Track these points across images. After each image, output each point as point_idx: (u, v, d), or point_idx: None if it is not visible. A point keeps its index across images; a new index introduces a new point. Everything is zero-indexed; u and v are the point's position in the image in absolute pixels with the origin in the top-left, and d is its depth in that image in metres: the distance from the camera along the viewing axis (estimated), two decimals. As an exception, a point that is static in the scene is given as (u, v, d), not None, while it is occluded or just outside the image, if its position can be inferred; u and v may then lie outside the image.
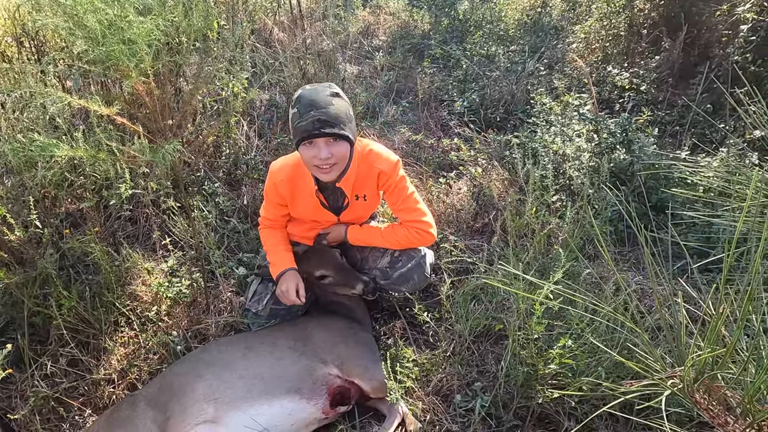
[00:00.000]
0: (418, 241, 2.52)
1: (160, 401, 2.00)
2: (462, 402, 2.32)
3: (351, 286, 2.49)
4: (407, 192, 2.42)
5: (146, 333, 2.41)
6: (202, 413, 1.96)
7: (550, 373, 1.98)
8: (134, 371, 2.31)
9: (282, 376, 2.13)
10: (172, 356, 2.36)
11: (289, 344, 2.26)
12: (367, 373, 2.25)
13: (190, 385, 2.03)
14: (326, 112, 2.06)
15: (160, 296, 2.48)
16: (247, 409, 2.00)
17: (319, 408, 2.15)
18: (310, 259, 2.53)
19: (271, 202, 2.43)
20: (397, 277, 2.59)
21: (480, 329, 2.51)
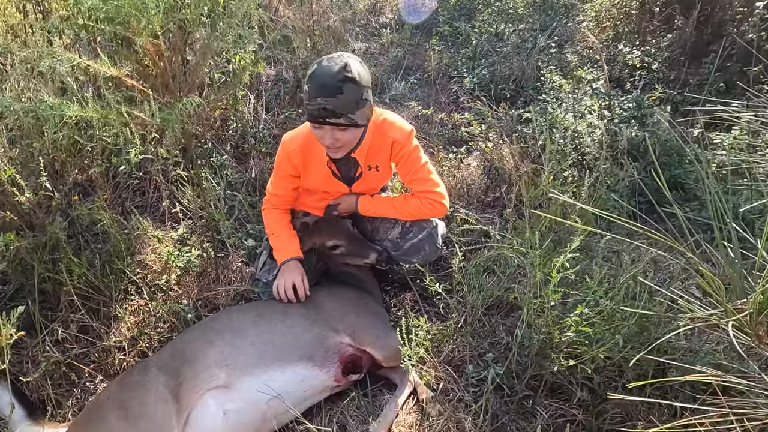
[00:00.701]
0: (430, 212, 2.47)
1: (171, 367, 1.97)
2: (474, 372, 2.29)
3: (364, 255, 2.46)
4: (420, 162, 2.37)
5: (156, 301, 2.38)
6: (214, 378, 1.94)
7: (566, 342, 1.95)
8: (144, 339, 2.29)
9: (294, 343, 2.10)
10: (182, 325, 2.33)
11: (300, 312, 2.24)
12: (378, 341, 2.23)
13: (201, 351, 2.00)
14: (334, 102, 1.99)
15: (170, 265, 2.45)
16: (259, 374, 1.98)
17: (331, 375, 2.13)
18: (322, 230, 2.50)
19: (282, 174, 2.36)
20: (408, 248, 2.55)
21: (492, 301, 2.48)
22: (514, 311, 2.64)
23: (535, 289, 2.01)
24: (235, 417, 1.92)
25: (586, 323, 1.85)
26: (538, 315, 2.00)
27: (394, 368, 2.30)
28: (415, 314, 2.59)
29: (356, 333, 2.22)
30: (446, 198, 2.44)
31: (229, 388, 1.94)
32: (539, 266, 1.95)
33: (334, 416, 2.10)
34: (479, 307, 2.34)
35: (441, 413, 2.11)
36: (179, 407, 1.88)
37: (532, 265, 1.98)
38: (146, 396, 1.89)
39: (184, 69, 2.76)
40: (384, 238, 2.58)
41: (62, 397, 2.10)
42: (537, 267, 1.94)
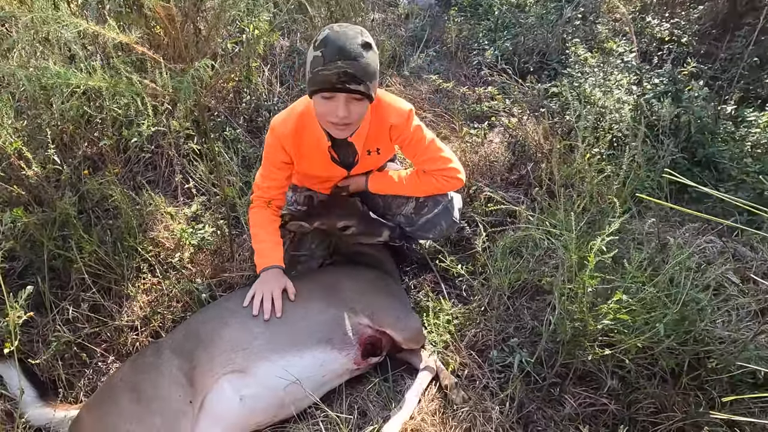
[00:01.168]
0: (446, 186, 2.31)
1: (185, 349, 1.88)
2: (498, 357, 2.19)
3: (377, 234, 2.34)
4: (425, 142, 2.18)
5: (169, 280, 2.29)
6: (230, 363, 1.85)
7: (602, 330, 1.83)
8: (158, 318, 2.20)
9: (312, 326, 2.00)
10: (196, 304, 2.25)
11: (318, 294, 2.13)
12: (399, 323, 2.13)
13: (216, 333, 1.91)
14: (356, 66, 1.77)
15: (183, 243, 2.35)
16: (277, 359, 1.88)
17: (350, 358, 2.03)
18: (331, 210, 2.36)
19: (273, 163, 2.15)
20: (423, 223, 2.41)
21: (518, 284, 2.36)
22: (540, 295, 2.52)
23: (569, 273, 1.89)
24: (252, 403, 1.83)
25: (624, 311, 1.73)
26: (571, 301, 1.88)
27: (414, 351, 2.20)
28: (436, 296, 2.49)
29: (375, 314, 2.12)
30: (462, 171, 2.28)
31: (245, 373, 1.85)
32: (574, 249, 1.82)
33: (354, 402, 2.01)
34: (505, 291, 2.22)
35: (465, 401, 2.01)
36: (194, 391, 1.80)
37: (566, 248, 1.85)
38: (159, 379, 1.81)
39: (197, 38, 2.62)
40: (397, 213, 2.45)
41: (74, 377, 2.03)
42: (572, 250, 1.81)
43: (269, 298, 2.00)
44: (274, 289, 2.02)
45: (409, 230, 2.45)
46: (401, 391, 2.10)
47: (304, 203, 2.38)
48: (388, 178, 2.35)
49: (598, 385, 2.08)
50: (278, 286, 2.04)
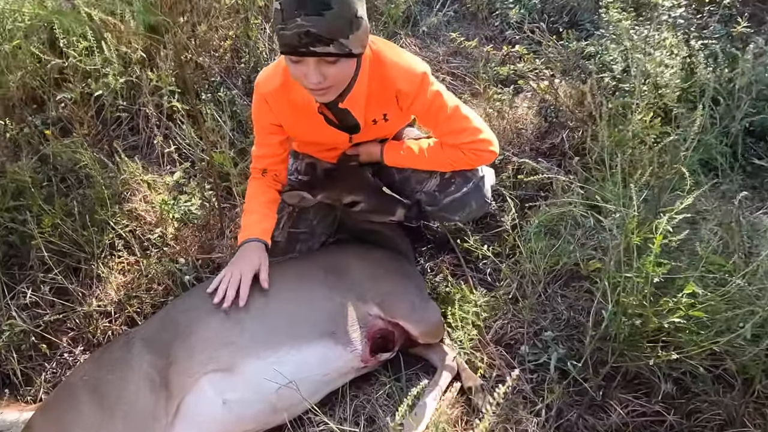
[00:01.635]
0: (476, 161, 1.94)
1: (161, 342, 1.57)
2: (531, 355, 1.85)
3: (389, 212, 1.98)
4: (447, 111, 1.78)
5: (149, 259, 1.96)
6: (213, 359, 1.53)
7: (666, 328, 1.47)
8: (134, 303, 1.89)
9: (312, 316, 1.68)
10: (179, 288, 1.93)
11: (319, 277, 1.80)
12: (414, 313, 1.80)
13: (198, 323, 1.60)
14: (320, 23, 1.40)
15: (165, 217, 2.01)
16: (268, 356, 1.57)
17: (357, 355, 1.71)
18: (337, 182, 2.00)
19: (262, 127, 1.84)
20: (448, 203, 2.05)
21: (552, 269, 2.00)
22: (575, 280, 2.17)
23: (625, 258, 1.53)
24: (237, 408, 1.52)
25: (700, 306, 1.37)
26: (627, 292, 1.52)
27: (432, 346, 1.87)
28: (457, 281, 2.14)
29: (387, 302, 1.80)
30: (495, 143, 1.90)
31: (230, 372, 1.54)
32: (635, 229, 1.46)
33: (360, 406, 1.70)
34: (541, 276, 1.86)
35: (493, 408, 1.68)
36: (168, 394, 1.49)
37: (623, 228, 1.49)
38: (127, 378, 1.50)
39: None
40: (417, 190, 2.09)
41: (34, 372, 1.73)
42: (631, 230, 1.45)
43: (235, 281, 1.66)
44: (244, 271, 1.68)
45: (430, 210, 2.09)
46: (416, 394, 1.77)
47: (305, 172, 2.02)
48: (407, 150, 1.97)
49: (648, 389, 1.75)
50: (250, 268, 1.69)
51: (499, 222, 2.37)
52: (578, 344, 1.97)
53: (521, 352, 1.90)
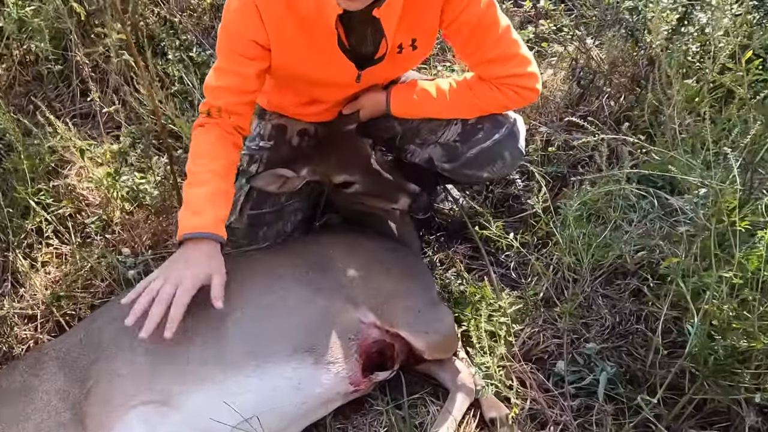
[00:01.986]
0: (517, 101, 1.52)
1: (79, 363, 1.18)
2: (571, 373, 1.43)
3: (390, 199, 1.54)
4: (498, 29, 1.38)
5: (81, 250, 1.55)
6: (145, 388, 1.13)
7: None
8: (68, 305, 1.48)
9: (284, 326, 1.27)
10: (120, 286, 1.51)
11: (297, 274, 1.39)
12: (419, 320, 1.41)
13: (128, 338, 1.18)
14: None
15: (109, 195, 1.60)
16: (221, 381, 1.16)
17: (344, 376, 1.31)
18: (329, 156, 1.57)
19: (237, 48, 1.33)
20: (474, 156, 1.59)
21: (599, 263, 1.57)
22: (618, 277, 1.75)
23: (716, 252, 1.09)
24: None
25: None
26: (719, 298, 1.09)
27: (443, 362, 1.46)
28: (473, 277, 1.72)
29: (384, 306, 1.40)
30: (540, 80, 1.49)
31: (168, 405, 1.14)
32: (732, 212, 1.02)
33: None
34: (584, 273, 1.43)
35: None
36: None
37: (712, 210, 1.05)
38: (29, 412, 1.09)
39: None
40: (430, 142, 1.63)
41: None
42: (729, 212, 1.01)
43: (166, 298, 1.17)
44: (183, 282, 1.19)
45: (447, 167, 1.63)
46: (423, 426, 1.35)
47: (271, 137, 1.58)
48: (422, 94, 1.53)
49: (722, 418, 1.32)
50: (193, 279, 1.20)
51: (523, 205, 1.94)
52: (628, 358, 1.56)
53: (557, 370, 1.49)
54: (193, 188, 1.31)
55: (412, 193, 1.52)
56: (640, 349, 1.57)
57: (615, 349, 1.57)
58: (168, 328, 1.13)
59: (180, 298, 1.16)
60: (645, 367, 1.49)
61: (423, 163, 1.66)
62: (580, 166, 1.95)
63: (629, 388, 1.48)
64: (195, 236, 1.25)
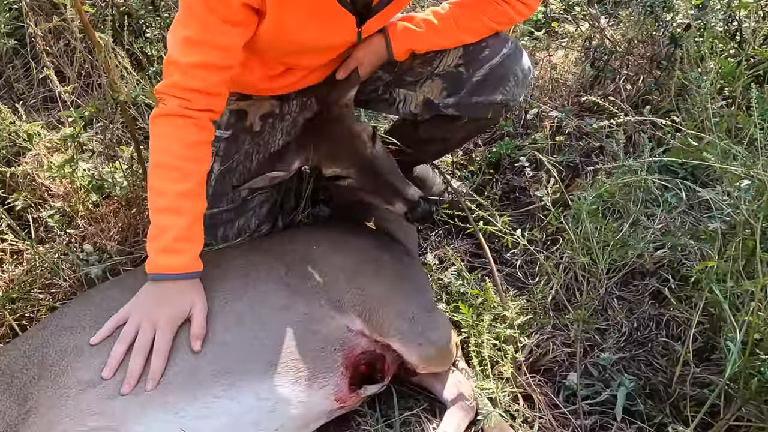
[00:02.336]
0: (521, 13, 1.40)
1: (20, 377, 1.02)
2: (584, 387, 1.27)
3: (385, 200, 1.34)
4: None
5: (47, 246, 1.40)
6: (95, 412, 0.97)
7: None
8: (21, 307, 1.33)
9: (258, 338, 1.11)
10: (85, 286, 1.36)
11: (274, 277, 1.23)
12: (412, 329, 1.24)
13: (78, 355, 1.03)
14: None
15: (66, 185, 1.44)
16: (184, 406, 1.00)
17: (328, 393, 1.15)
18: (319, 144, 1.36)
19: (213, 13, 1.10)
20: (483, 77, 1.40)
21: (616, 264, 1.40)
22: (636, 278, 1.58)
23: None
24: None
25: None
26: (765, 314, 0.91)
27: (439, 375, 1.30)
28: (476, 276, 1.55)
29: (374, 312, 1.24)
30: None
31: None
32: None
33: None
34: (600, 275, 1.25)
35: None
36: (19, 465, 0.93)
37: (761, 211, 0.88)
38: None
39: None
40: (426, 75, 1.43)
41: None
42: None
43: (145, 346, 1.03)
44: (161, 327, 1.05)
45: (451, 102, 1.43)
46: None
47: (228, 125, 1.39)
48: (425, 23, 1.37)
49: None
50: (172, 322, 1.07)
51: (531, 197, 1.77)
52: (647, 369, 1.39)
53: (569, 384, 1.32)
54: (163, 216, 1.12)
55: (410, 200, 1.31)
56: (661, 359, 1.41)
57: (632, 359, 1.41)
58: (150, 380, 1.00)
59: (161, 347, 1.03)
60: (667, 380, 1.33)
61: (419, 110, 1.46)
62: (593, 155, 1.77)
63: (649, 404, 1.33)
64: (172, 277, 1.10)
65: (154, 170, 1.14)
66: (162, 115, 1.15)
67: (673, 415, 1.27)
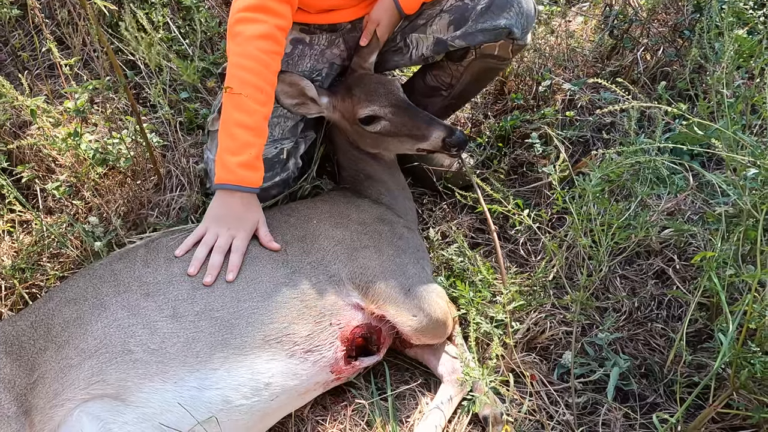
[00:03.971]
0: None
1: (27, 348, 1.08)
2: (578, 366, 1.29)
3: (420, 136, 1.43)
4: None
5: (55, 216, 1.44)
6: (97, 379, 1.03)
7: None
8: (32, 276, 1.38)
9: (257, 311, 1.15)
10: (91, 259, 1.40)
11: (272, 252, 1.24)
12: (407, 302, 1.28)
13: (83, 322, 1.08)
14: None
15: (71, 157, 1.47)
16: (183, 376, 1.06)
17: (324, 366, 1.21)
18: (352, 89, 1.46)
19: None
20: (486, 5, 1.45)
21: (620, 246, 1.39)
22: (641, 256, 1.58)
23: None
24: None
25: None
26: (759, 306, 0.91)
27: (434, 348, 1.35)
28: (479, 253, 1.56)
29: (372, 285, 1.28)
30: None
31: (122, 401, 1.03)
32: None
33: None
34: (602, 257, 1.25)
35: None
36: (28, 429, 1.00)
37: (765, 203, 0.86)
38: (-29, 402, 1.00)
39: None
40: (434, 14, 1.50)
41: None
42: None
43: (224, 247, 1.22)
44: (238, 235, 1.25)
45: (458, 34, 1.49)
46: (410, 419, 1.24)
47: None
48: None
49: (749, 423, 1.17)
50: (246, 231, 1.26)
51: (538, 173, 1.75)
52: (645, 349, 1.41)
53: (563, 362, 1.35)
54: (248, 134, 1.26)
55: (447, 126, 1.43)
56: (660, 339, 1.42)
57: (631, 338, 1.42)
58: (230, 272, 1.19)
59: (239, 247, 1.23)
60: (663, 361, 1.34)
61: (430, 52, 1.55)
62: (604, 131, 1.73)
63: (644, 384, 1.35)
64: (238, 189, 1.26)
65: (244, 88, 1.26)
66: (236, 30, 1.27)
67: (667, 396, 1.29)
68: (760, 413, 0.98)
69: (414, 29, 1.54)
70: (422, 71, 1.68)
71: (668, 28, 1.95)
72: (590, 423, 1.24)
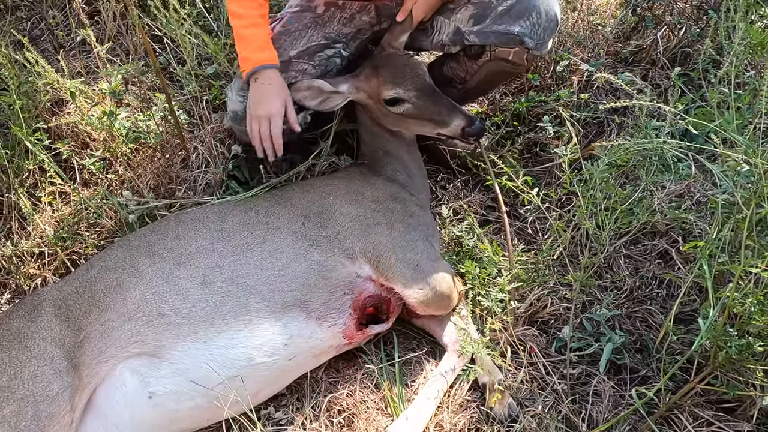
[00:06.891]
0: None
1: (74, 311, 1.26)
2: (576, 340, 1.40)
3: (441, 122, 1.54)
4: None
5: (91, 189, 1.59)
6: (136, 339, 1.20)
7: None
8: (72, 244, 1.54)
9: (277, 280, 1.31)
10: (121, 231, 1.56)
11: (293, 226, 1.42)
12: (415, 276, 1.42)
13: (122, 288, 1.24)
14: None
15: (109, 134, 1.61)
16: (211, 336, 1.23)
17: (337, 331, 1.37)
18: (379, 69, 1.56)
19: None
20: (507, 7, 1.52)
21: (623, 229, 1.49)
22: (647, 237, 1.67)
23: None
24: (167, 404, 1.21)
25: None
26: (740, 295, 1.01)
27: (439, 319, 1.50)
28: (489, 230, 1.67)
29: (382, 259, 1.42)
30: None
31: (157, 357, 1.22)
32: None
33: (335, 401, 1.33)
34: (604, 239, 1.35)
35: (513, 415, 1.28)
36: (77, 382, 1.19)
37: (753, 200, 0.95)
38: (24, 358, 1.18)
39: None
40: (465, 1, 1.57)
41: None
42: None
43: (267, 132, 1.49)
44: (273, 116, 1.48)
45: (476, 31, 1.58)
46: (415, 384, 1.39)
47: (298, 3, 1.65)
48: None
49: (726, 400, 1.28)
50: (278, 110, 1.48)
51: (551, 153, 1.83)
52: (642, 326, 1.52)
53: (562, 336, 1.47)
54: (249, 30, 1.48)
55: (467, 114, 1.54)
56: (657, 316, 1.52)
57: (629, 315, 1.53)
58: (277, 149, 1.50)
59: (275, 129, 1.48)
60: (657, 338, 1.44)
61: (448, 40, 1.64)
62: (618, 114, 1.79)
63: (638, 358, 1.45)
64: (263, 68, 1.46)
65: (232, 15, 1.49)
66: None
67: (658, 370, 1.40)
68: (734, 390, 1.08)
69: (442, 12, 1.62)
70: (441, 61, 1.77)
71: (693, 7, 1.97)
72: (582, 393, 1.36)
